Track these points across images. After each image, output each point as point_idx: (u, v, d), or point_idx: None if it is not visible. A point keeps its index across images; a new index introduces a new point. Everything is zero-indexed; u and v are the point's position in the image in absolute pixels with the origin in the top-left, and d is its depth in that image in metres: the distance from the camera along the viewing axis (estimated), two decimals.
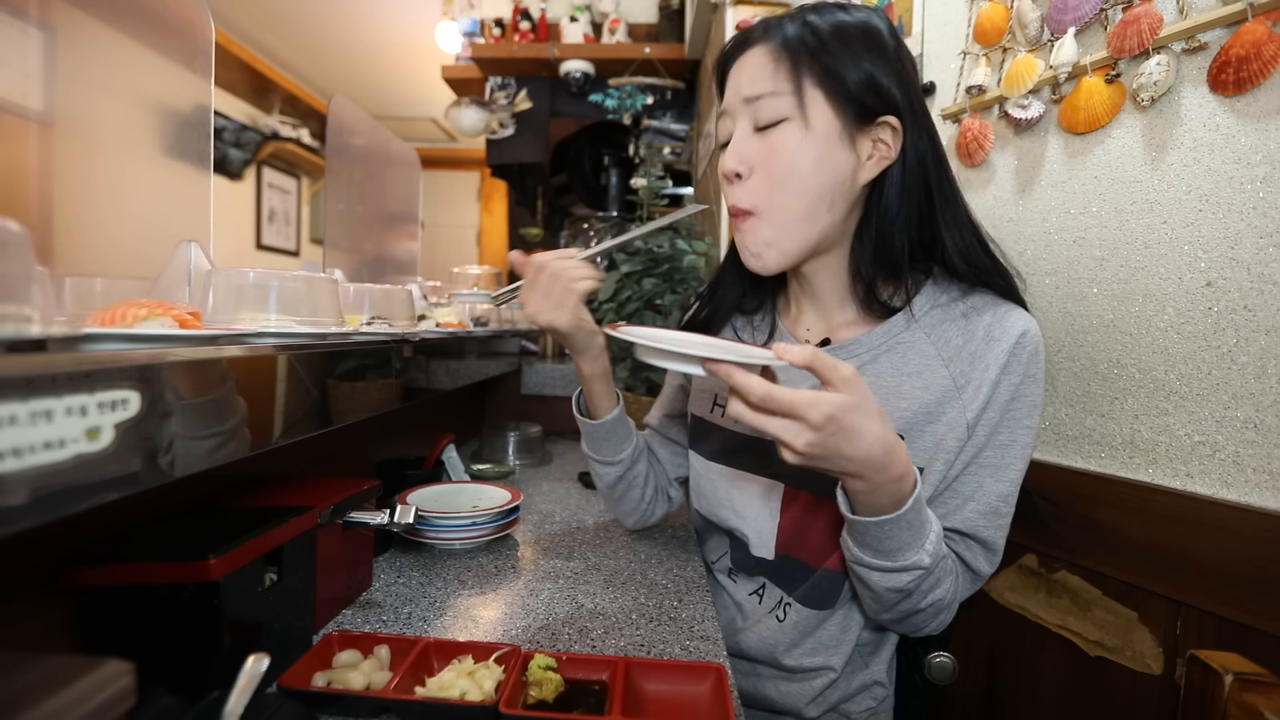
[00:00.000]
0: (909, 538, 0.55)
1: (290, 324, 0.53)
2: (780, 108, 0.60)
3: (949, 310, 0.64)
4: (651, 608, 0.69)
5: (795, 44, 0.60)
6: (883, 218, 0.63)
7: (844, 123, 0.60)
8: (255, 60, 3.54)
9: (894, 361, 0.65)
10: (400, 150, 1.16)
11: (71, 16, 0.53)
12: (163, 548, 0.47)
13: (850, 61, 0.59)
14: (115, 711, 0.27)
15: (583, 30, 2.19)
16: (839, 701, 0.71)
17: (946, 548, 0.60)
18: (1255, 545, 0.61)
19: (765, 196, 0.62)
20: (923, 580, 0.57)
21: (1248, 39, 0.62)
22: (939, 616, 0.62)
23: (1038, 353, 0.61)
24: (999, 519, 0.62)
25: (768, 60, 0.61)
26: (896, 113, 0.61)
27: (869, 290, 0.66)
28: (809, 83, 0.60)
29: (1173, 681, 0.67)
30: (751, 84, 0.62)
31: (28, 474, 0.26)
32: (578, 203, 2.24)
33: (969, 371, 0.61)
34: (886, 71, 0.60)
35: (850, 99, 0.60)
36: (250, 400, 0.46)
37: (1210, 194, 0.66)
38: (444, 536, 0.83)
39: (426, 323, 0.99)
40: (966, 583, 0.64)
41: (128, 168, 0.61)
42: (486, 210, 4.96)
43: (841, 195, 0.62)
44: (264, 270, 0.53)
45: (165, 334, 0.42)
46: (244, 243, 3.57)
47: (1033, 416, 0.61)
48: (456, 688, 0.49)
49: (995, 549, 0.63)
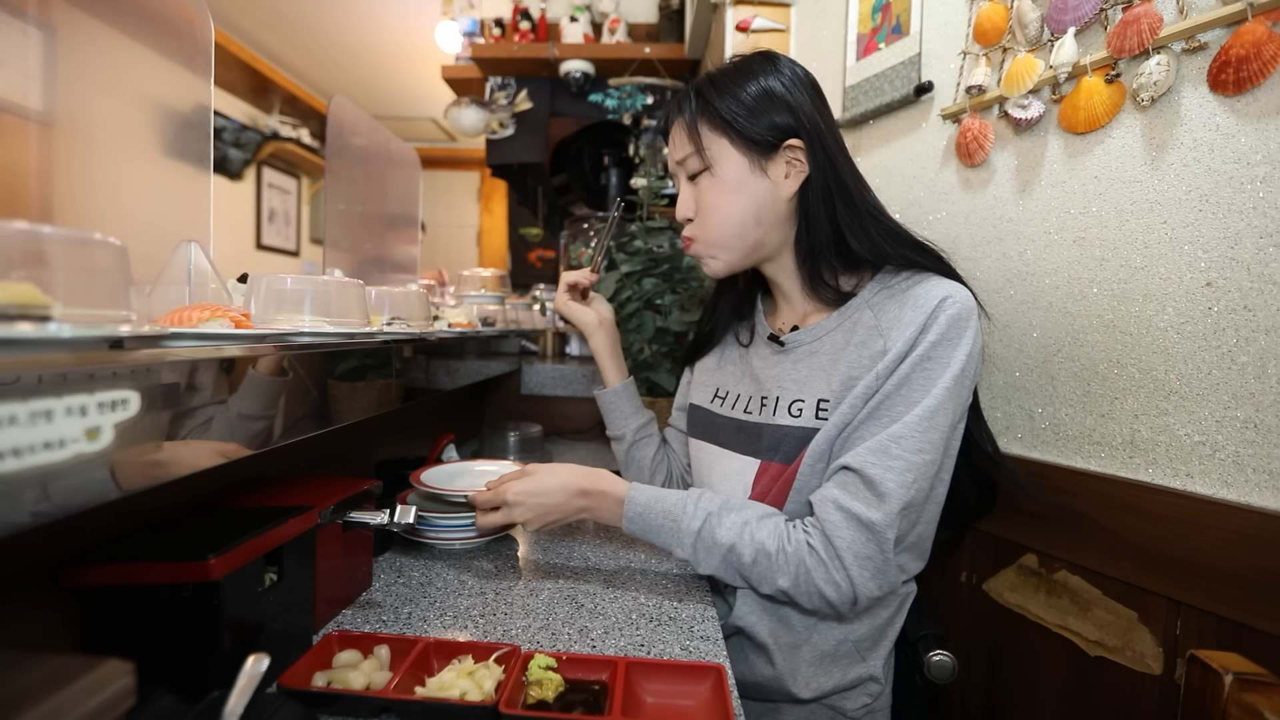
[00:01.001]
0: (666, 538, 0.70)
1: (322, 324, 0.59)
2: (695, 164, 0.76)
3: (893, 289, 0.72)
4: (651, 608, 0.69)
5: (693, 115, 0.75)
6: (809, 220, 0.75)
7: (750, 158, 0.73)
8: (255, 60, 3.54)
9: (843, 336, 0.74)
10: (400, 150, 1.16)
11: (71, 16, 0.53)
12: (163, 548, 0.47)
13: (742, 114, 0.73)
14: (115, 711, 0.27)
15: (583, 30, 2.19)
16: (833, 690, 0.71)
17: (788, 544, 0.65)
18: (1255, 545, 0.61)
19: (700, 228, 0.78)
20: (725, 570, 0.68)
21: (1248, 39, 0.62)
22: (815, 596, 0.65)
23: (960, 318, 0.65)
24: (888, 459, 0.63)
25: (682, 129, 0.77)
26: (796, 134, 0.72)
27: (813, 282, 0.77)
28: (713, 140, 0.74)
29: (1173, 681, 0.67)
30: (676, 150, 0.79)
31: (28, 474, 0.26)
32: (578, 203, 2.24)
33: (891, 332, 0.68)
34: (777, 109, 0.72)
35: (750, 140, 0.73)
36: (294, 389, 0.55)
37: (1210, 194, 0.66)
38: (444, 536, 0.83)
39: (439, 323, 1.03)
40: (863, 537, 0.63)
41: (128, 168, 0.61)
42: (486, 210, 4.96)
43: (768, 212, 0.75)
44: (300, 276, 0.60)
45: (227, 333, 0.48)
46: (244, 243, 3.56)
47: (944, 375, 0.64)
48: (456, 688, 0.49)
49: (881, 490, 0.62)
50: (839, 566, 0.63)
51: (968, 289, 0.69)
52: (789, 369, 0.78)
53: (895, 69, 1.07)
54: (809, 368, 0.76)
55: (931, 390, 0.64)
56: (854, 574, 0.63)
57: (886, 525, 0.62)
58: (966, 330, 0.66)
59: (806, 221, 0.75)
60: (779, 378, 0.78)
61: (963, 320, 0.65)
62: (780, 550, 0.65)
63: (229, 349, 0.47)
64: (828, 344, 0.75)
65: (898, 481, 0.62)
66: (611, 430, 0.99)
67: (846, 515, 0.63)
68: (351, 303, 0.64)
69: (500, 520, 0.74)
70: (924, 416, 0.63)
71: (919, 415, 0.63)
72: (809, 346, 0.77)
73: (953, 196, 0.98)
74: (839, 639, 0.71)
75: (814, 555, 0.64)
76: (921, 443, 0.63)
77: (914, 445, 0.63)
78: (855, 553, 0.62)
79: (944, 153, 1.00)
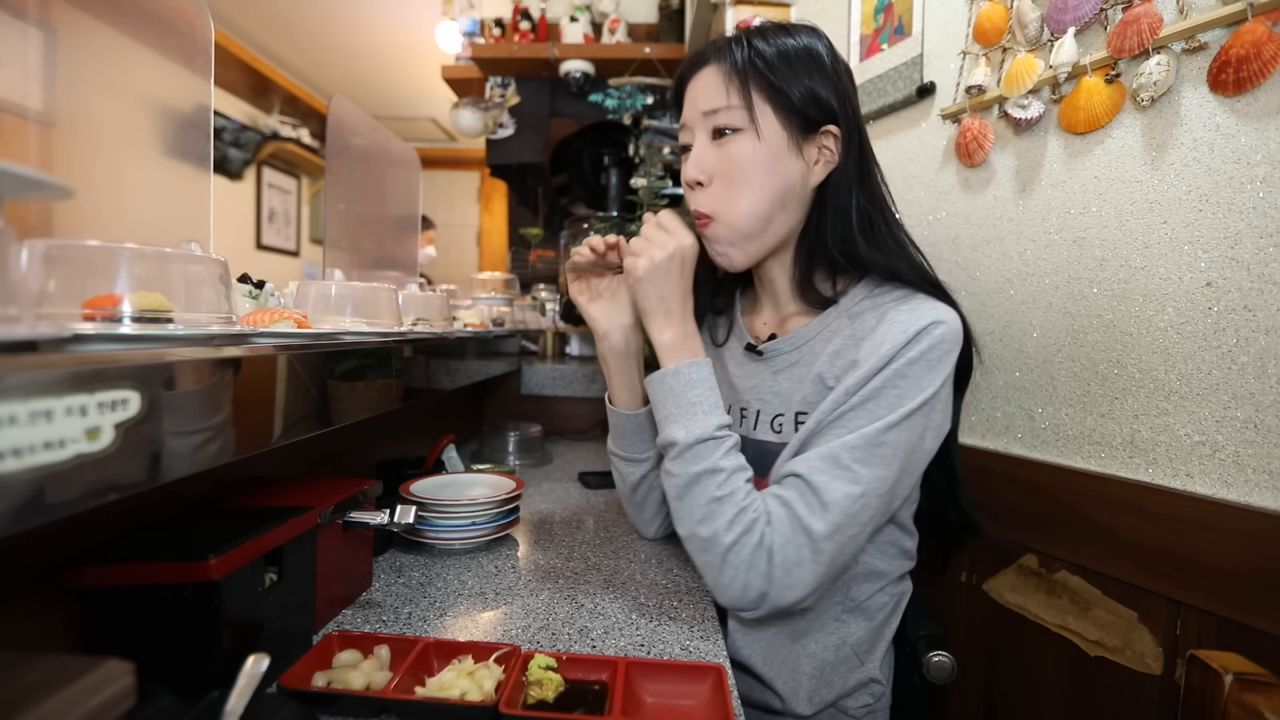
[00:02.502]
0: (682, 411, 0.65)
1: (361, 324, 0.68)
2: (734, 119, 0.67)
3: (878, 300, 0.68)
4: (651, 608, 0.69)
5: (744, 63, 0.66)
6: (824, 216, 0.70)
7: (790, 133, 0.67)
8: (255, 60, 3.54)
9: (821, 344, 0.70)
10: (400, 150, 1.16)
11: (71, 16, 0.53)
12: (163, 548, 0.47)
13: (793, 78, 0.66)
14: (115, 711, 0.27)
15: (583, 30, 2.19)
16: (835, 699, 0.71)
17: (759, 503, 0.61)
18: (1255, 545, 0.61)
19: (724, 201, 0.69)
20: (682, 480, 0.63)
21: (1248, 39, 0.62)
22: (727, 589, 0.60)
23: (944, 343, 0.61)
24: (836, 467, 0.59)
25: (720, 78, 0.67)
26: (835, 121, 0.68)
27: (804, 283, 0.72)
28: (758, 98, 0.66)
29: (1173, 681, 0.67)
30: (708, 99, 0.68)
31: (28, 474, 0.26)
32: (578, 203, 2.23)
33: (866, 345, 0.64)
34: (825, 86, 0.67)
35: (794, 111, 0.66)
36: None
37: (1210, 194, 0.66)
38: (444, 536, 0.83)
39: (455, 324, 1.09)
40: (799, 541, 0.58)
41: (128, 168, 0.61)
42: (486, 210, 4.96)
43: (793, 197, 0.69)
44: (344, 282, 0.69)
45: (295, 331, 0.55)
46: (244, 243, 3.56)
47: (916, 396, 0.60)
48: (456, 688, 0.49)
49: (826, 500, 0.58)
50: (766, 561, 0.59)
51: (961, 318, 0.65)
52: (768, 380, 0.74)
53: (898, 69, 1.07)
54: (790, 379, 0.72)
55: (897, 409, 0.60)
56: (776, 575, 0.58)
57: (825, 537, 0.58)
58: (949, 356, 0.62)
59: (820, 217, 0.70)
60: (758, 389, 0.75)
61: (947, 345, 0.62)
62: (739, 513, 0.60)
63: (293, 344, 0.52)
64: (807, 353, 0.71)
65: (844, 492, 0.58)
66: (629, 451, 0.81)
67: (789, 515, 0.59)
68: (387, 306, 0.72)
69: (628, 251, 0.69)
70: (883, 430, 0.59)
71: (878, 429, 0.59)
72: (789, 356, 0.73)
73: (952, 196, 0.98)
74: (835, 644, 0.70)
75: (752, 543, 0.60)
76: (873, 457, 0.59)
77: (865, 457, 0.59)
78: (785, 556, 0.58)
79: (944, 153, 1.00)
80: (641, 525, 0.88)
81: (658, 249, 0.67)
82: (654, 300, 0.67)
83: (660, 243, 0.67)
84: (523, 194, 2.69)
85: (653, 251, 0.67)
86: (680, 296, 0.68)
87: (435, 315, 0.92)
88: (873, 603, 0.71)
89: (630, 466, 0.82)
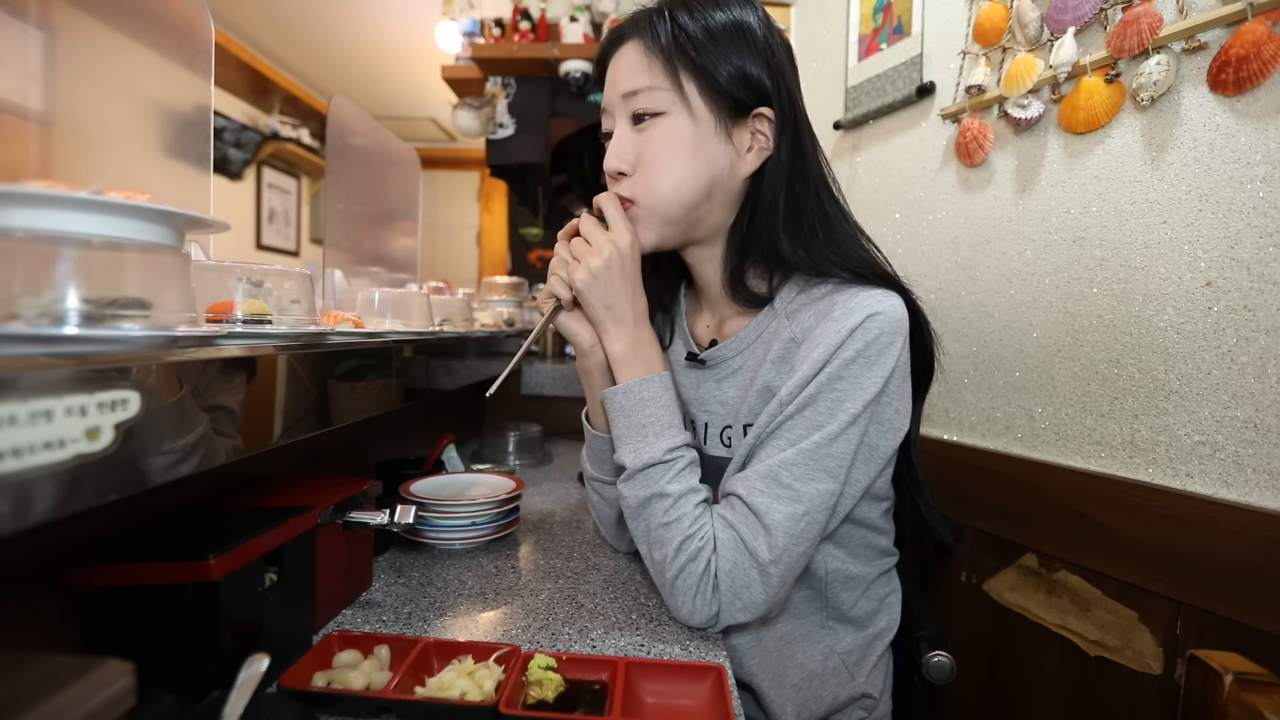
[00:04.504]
0: (634, 434, 0.63)
1: (399, 325, 0.78)
2: (656, 101, 0.62)
3: (811, 295, 0.64)
4: (651, 608, 0.69)
5: (667, 39, 0.61)
6: (756, 209, 0.65)
7: (718, 117, 0.61)
8: (255, 60, 3.54)
9: (761, 349, 0.66)
10: (400, 150, 1.16)
11: (71, 17, 0.53)
12: (163, 548, 0.47)
13: (721, 55, 0.60)
14: (115, 711, 0.27)
15: (583, 30, 2.19)
16: (827, 713, 0.68)
17: (707, 528, 0.59)
18: (1255, 545, 0.61)
19: (649, 189, 0.63)
20: (635, 504, 0.62)
21: (1247, 39, 0.62)
22: (680, 607, 0.59)
23: (884, 336, 0.57)
24: (777, 487, 0.57)
25: (641, 55, 0.62)
26: (769, 103, 0.62)
27: (735, 281, 0.67)
28: (683, 76, 0.61)
29: (1173, 681, 0.67)
30: (628, 80, 0.63)
31: (28, 474, 0.26)
32: (578, 203, 2.24)
33: (802, 347, 0.61)
34: (756, 63, 0.61)
35: (721, 93, 0.61)
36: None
37: (1210, 194, 0.66)
38: (444, 536, 0.83)
39: (474, 325, 1.19)
40: (745, 564, 0.57)
41: (128, 168, 0.61)
42: (486, 210, 4.96)
43: (721, 188, 0.64)
44: (387, 289, 0.79)
45: (353, 330, 0.64)
46: (244, 243, 3.56)
47: (854, 398, 0.57)
48: (456, 688, 0.49)
49: (767, 524, 0.56)
50: (712, 588, 0.58)
51: (906, 299, 0.61)
52: (713, 389, 0.71)
53: (897, 69, 1.07)
54: (734, 387, 0.68)
55: (837, 414, 0.57)
56: (725, 600, 0.58)
57: (772, 561, 0.56)
58: (889, 349, 0.58)
59: (753, 209, 0.65)
60: (703, 400, 0.71)
61: (886, 338, 0.58)
62: (686, 540, 0.59)
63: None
64: (749, 358, 0.68)
65: (785, 514, 0.56)
66: (605, 474, 0.75)
67: (734, 539, 0.58)
68: (419, 309, 0.83)
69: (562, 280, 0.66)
70: (822, 443, 0.56)
71: (817, 442, 0.56)
72: (731, 363, 0.69)
73: (952, 196, 0.98)
74: (823, 653, 0.68)
75: (699, 570, 0.59)
76: (816, 471, 0.57)
77: (806, 473, 0.57)
78: (733, 581, 0.57)
79: (943, 153, 1.00)
80: (619, 542, 0.83)
81: (593, 256, 0.63)
82: (600, 310, 0.64)
83: (596, 246, 0.63)
84: (523, 194, 2.69)
85: (588, 259, 0.63)
86: (628, 300, 0.64)
87: (458, 317, 1.01)
88: (859, 609, 0.69)
89: (612, 490, 0.75)
